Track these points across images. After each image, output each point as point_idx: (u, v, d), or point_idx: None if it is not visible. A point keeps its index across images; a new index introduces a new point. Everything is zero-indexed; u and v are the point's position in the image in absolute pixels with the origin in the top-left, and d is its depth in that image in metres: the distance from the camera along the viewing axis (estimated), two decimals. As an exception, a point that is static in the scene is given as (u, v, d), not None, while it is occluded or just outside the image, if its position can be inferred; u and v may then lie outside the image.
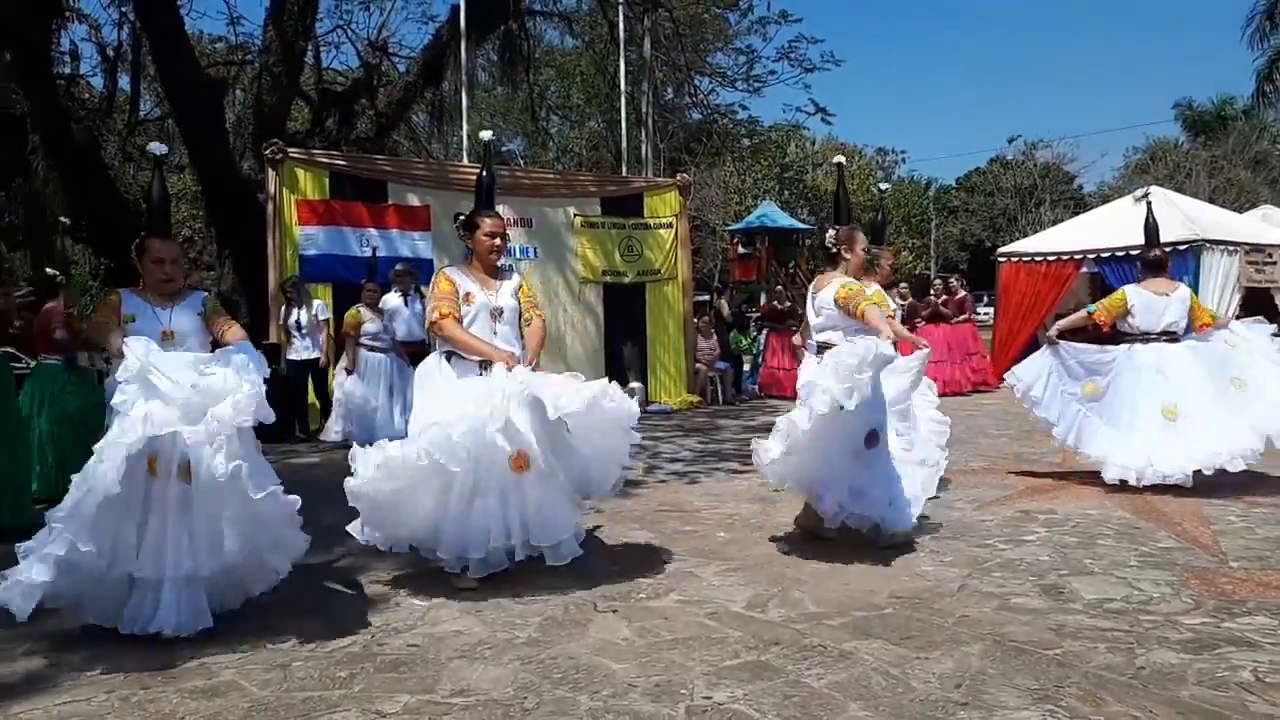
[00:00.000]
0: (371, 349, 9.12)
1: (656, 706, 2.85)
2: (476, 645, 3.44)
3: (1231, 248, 12.74)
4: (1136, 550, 4.62)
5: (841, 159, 5.83)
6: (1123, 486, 5.96)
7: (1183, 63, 74.99)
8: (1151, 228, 6.61)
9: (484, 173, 4.65)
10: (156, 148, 4.32)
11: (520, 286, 4.48)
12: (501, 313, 4.32)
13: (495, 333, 4.28)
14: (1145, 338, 6.26)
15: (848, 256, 4.95)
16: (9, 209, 15.12)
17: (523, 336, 4.43)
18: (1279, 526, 5.07)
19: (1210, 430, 5.89)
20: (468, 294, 4.29)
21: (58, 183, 13.19)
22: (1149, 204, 6.76)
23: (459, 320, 4.25)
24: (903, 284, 14.40)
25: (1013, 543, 4.83)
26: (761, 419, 11.29)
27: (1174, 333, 6.22)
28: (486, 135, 4.90)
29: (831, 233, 5.05)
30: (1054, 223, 23.46)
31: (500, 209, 11.75)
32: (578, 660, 3.26)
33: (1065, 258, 13.58)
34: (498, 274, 4.43)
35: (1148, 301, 6.26)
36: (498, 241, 4.39)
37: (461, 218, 4.52)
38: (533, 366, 4.26)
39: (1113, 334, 6.58)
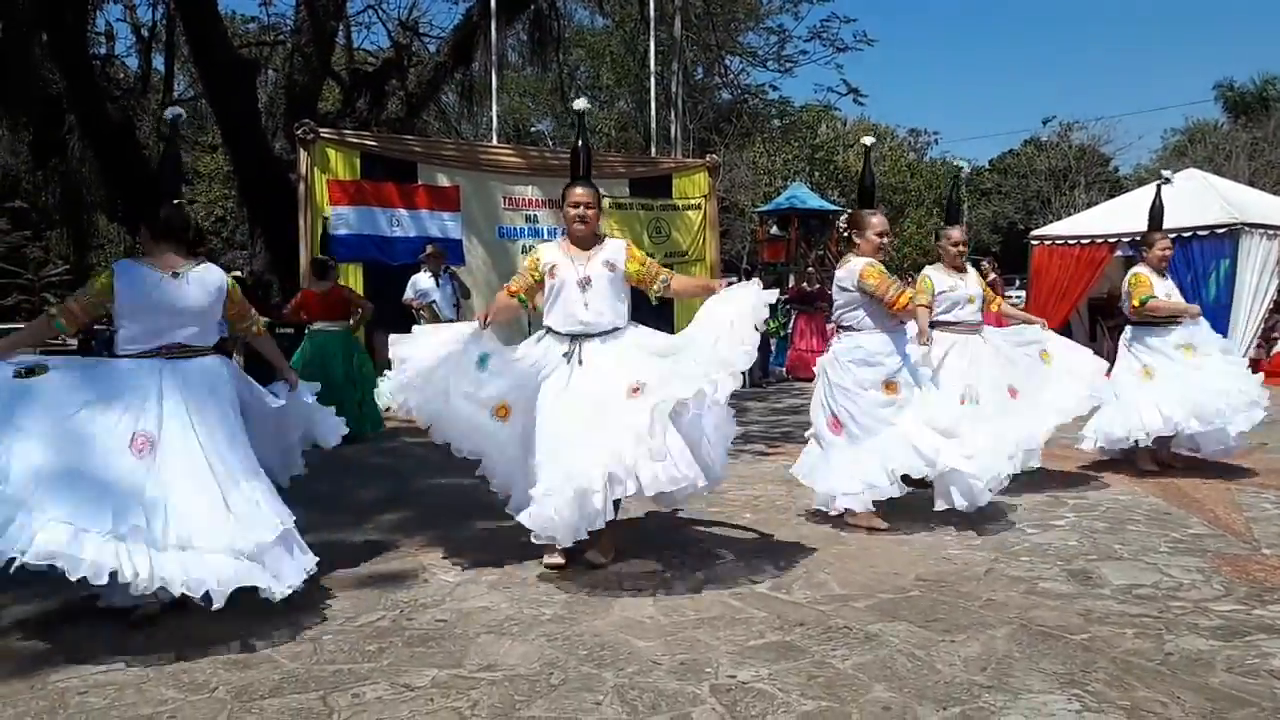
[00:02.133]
0: None
1: (681, 684, 2.87)
2: (503, 621, 3.48)
3: (1271, 231, 12.49)
4: (1167, 536, 4.58)
5: (869, 140, 5.76)
6: (1153, 472, 5.94)
7: (1224, 42, 73.44)
8: (1155, 212, 6.50)
9: (579, 143, 4.64)
10: (172, 112, 4.28)
11: (626, 251, 4.36)
12: (590, 281, 4.24)
13: (585, 304, 4.22)
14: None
15: (858, 240, 4.93)
16: (46, 189, 15.33)
17: (656, 299, 4.51)
18: (1314, 514, 5.00)
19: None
20: (552, 267, 4.29)
21: (93, 163, 13.35)
22: (1158, 189, 6.63)
23: (512, 293, 4.40)
24: (984, 262, 14.00)
25: (1041, 527, 4.80)
26: (788, 401, 11.28)
27: None
28: (581, 104, 4.85)
29: (844, 216, 5.06)
30: (1088, 206, 23.12)
31: (529, 189, 11.88)
32: (603, 638, 3.29)
33: (1099, 241, 13.39)
34: (589, 244, 4.35)
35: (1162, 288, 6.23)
36: (578, 212, 4.31)
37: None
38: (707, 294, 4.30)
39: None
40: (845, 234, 5.00)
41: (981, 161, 41.12)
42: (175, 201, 3.94)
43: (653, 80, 14.77)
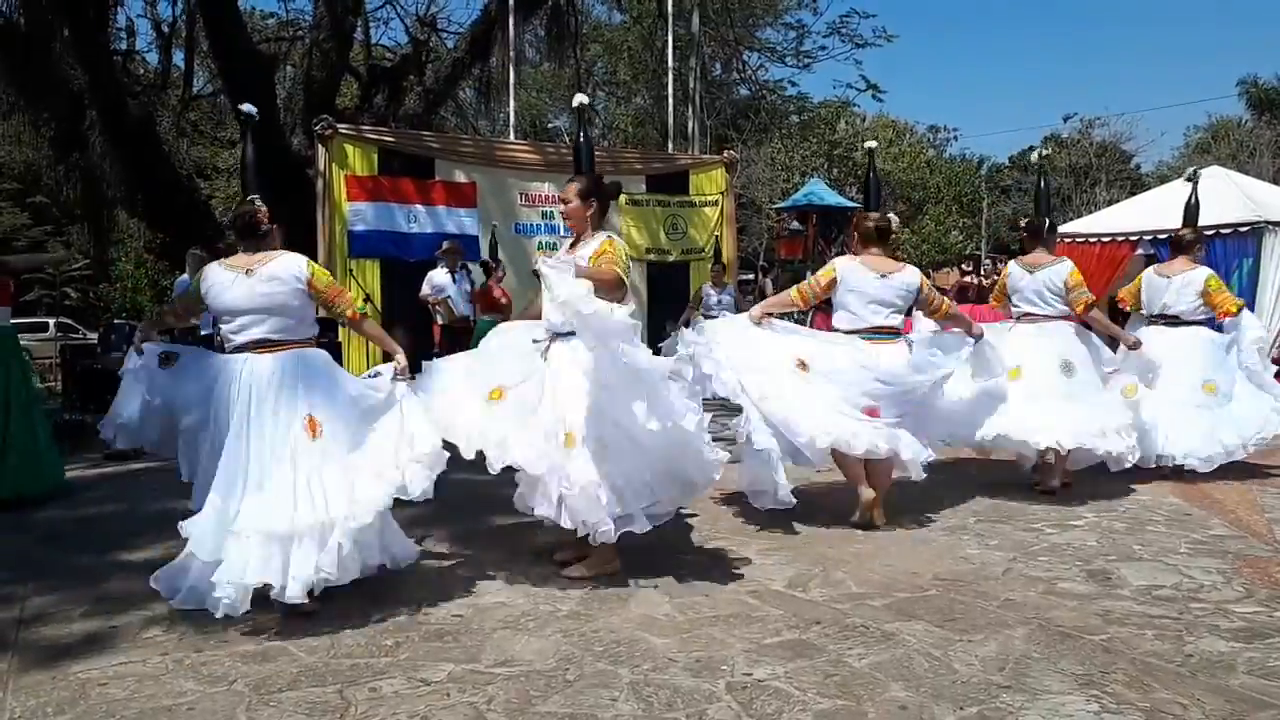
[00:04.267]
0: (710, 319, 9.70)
1: (697, 681, 2.87)
2: (520, 617, 3.48)
3: (1295, 230, 12.37)
4: (1187, 537, 4.54)
5: (873, 144, 5.77)
6: (1174, 474, 5.87)
7: (1248, 37, 72.58)
8: (1191, 208, 6.53)
9: (579, 139, 4.64)
10: (249, 108, 4.24)
11: (600, 248, 4.10)
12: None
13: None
14: (1151, 320, 6.25)
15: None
16: (67, 184, 15.45)
17: None
18: (1337, 516, 4.95)
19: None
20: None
21: (114, 158, 13.44)
22: (1194, 184, 6.62)
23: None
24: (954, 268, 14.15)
25: (1060, 527, 4.77)
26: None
27: (1173, 316, 6.13)
28: (580, 99, 4.80)
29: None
30: (1109, 203, 22.95)
31: (546, 186, 11.87)
32: (619, 634, 3.29)
33: (1120, 239, 13.27)
34: (579, 239, 4.23)
35: (1150, 280, 6.30)
36: (564, 207, 4.23)
37: None
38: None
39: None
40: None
41: (1001, 158, 40.86)
42: (251, 199, 3.92)
43: (670, 76, 14.76)
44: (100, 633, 3.35)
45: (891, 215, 5.10)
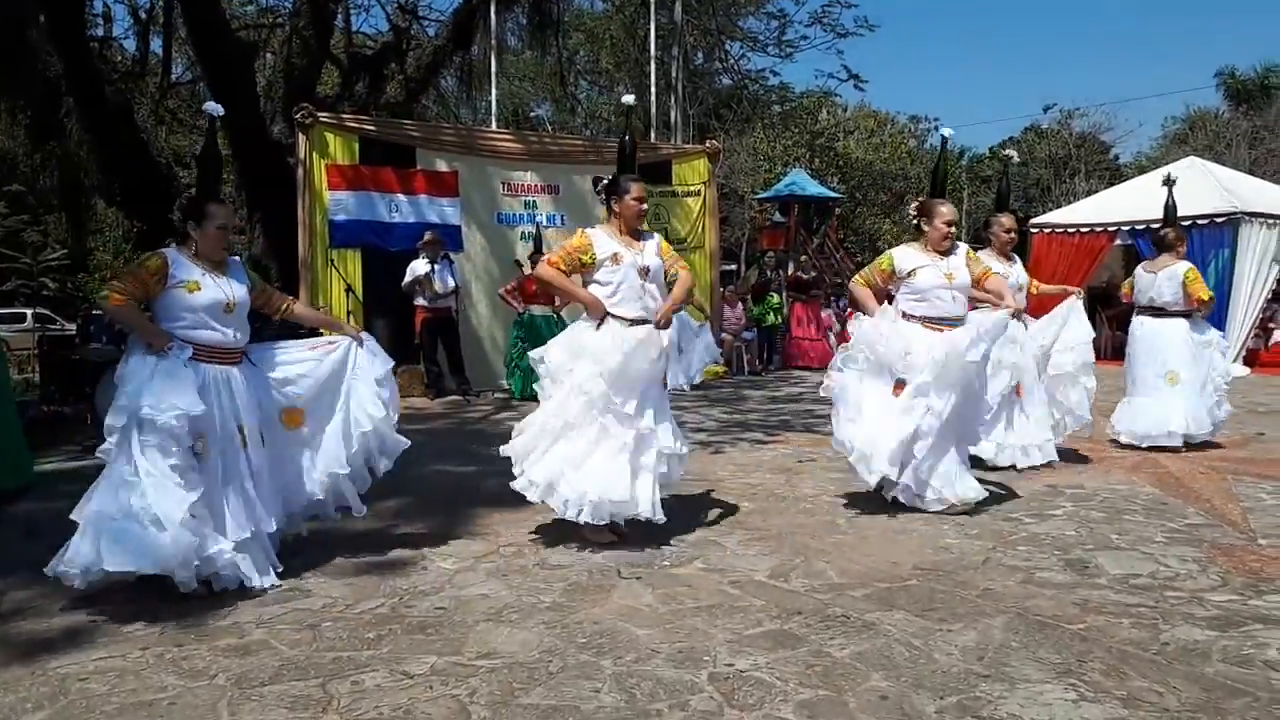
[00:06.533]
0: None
1: (679, 672, 2.89)
2: (502, 609, 3.49)
3: (1271, 220, 12.49)
4: (1164, 526, 4.59)
5: (948, 131, 5.81)
6: (1151, 460, 5.96)
7: (1226, 29, 73.02)
8: (1169, 209, 7.02)
9: (625, 137, 4.85)
10: (213, 108, 4.27)
11: (661, 246, 4.63)
12: (648, 271, 4.45)
13: (644, 290, 4.43)
14: (1140, 311, 6.83)
15: (926, 228, 5.06)
16: (44, 172, 15.27)
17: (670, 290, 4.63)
18: (1311, 504, 5.02)
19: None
20: (615, 254, 4.41)
21: (91, 146, 13.29)
22: (1170, 189, 7.06)
23: (565, 273, 4.43)
24: None
25: (1038, 517, 4.81)
26: (786, 390, 11.30)
27: (1158, 307, 6.66)
28: (629, 99, 5.14)
29: (915, 204, 5.23)
30: (1088, 194, 23.10)
31: (528, 175, 11.88)
32: (601, 625, 3.30)
33: (1099, 230, 13.38)
34: (640, 236, 4.57)
35: (1139, 275, 6.83)
36: (644, 207, 4.56)
37: (604, 182, 4.63)
38: (678, 307, 4.60)
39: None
40: (915, 221, 5.12)
41: (982, 149, 40.99)
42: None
43: (653, 65, 14.73)
44: (80, 627, 3.32)
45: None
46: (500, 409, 9.21)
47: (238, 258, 4.14)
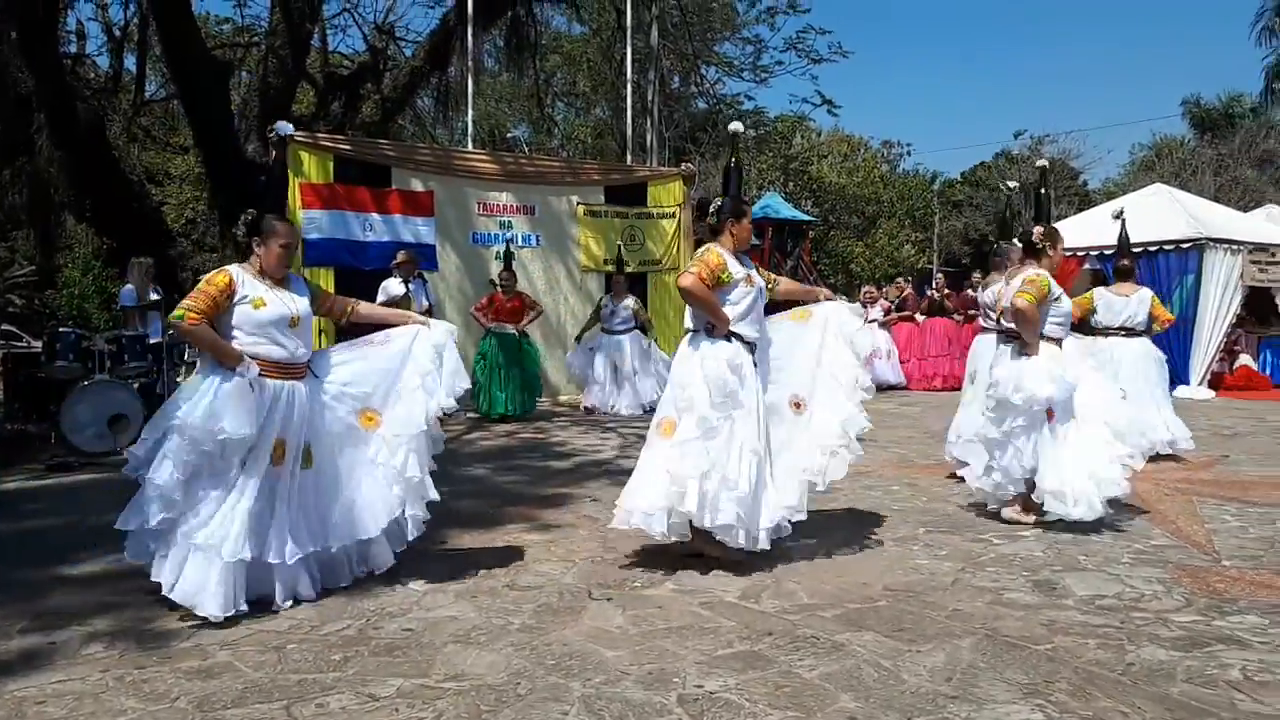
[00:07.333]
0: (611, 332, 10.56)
1: (648, 694, 2.87)
2: (471, 631, 3.46)
3: (1235, 246, 12.71)
4: (1130, 547, 4.63)
5: (1045, 162, 6.31)
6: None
7: (1191, 59, 74.56)
8: (1123, 240, 7.85)
9: (732, 160, 5.03)
10: (284, 127, 4.30)
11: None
12: (762, 293, 4.45)
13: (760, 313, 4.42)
14: (1105, 332, 7.28)
15: (1051, 254, 5.24)
16: (13, 188, 15.11)
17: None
18: (1273, 526, 5.08)
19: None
20: (749, 276, 4.36)
21: (62, 162, 13.18)
22: (1123, 221, 7.85)
23: (708, 284, 4.23)
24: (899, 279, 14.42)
25: (1007, 538, 4.84)
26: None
27: (1132, 328, 7.23)
28: (736, 127, 5.33)
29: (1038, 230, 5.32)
30: (1058, 219, 23.37)
31: (503, 195, 11.87)
32: (571, 647, 3.28)
33: (1067, 254, 13.52)
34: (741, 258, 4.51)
35: (1109, 300, 7.32)
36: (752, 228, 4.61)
37: (717, 202, 4.46)
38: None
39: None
40: (1040, 246, 5.23)
41: (953, 174, 41.45)
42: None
43: (629, 88, 14.82)
44: (38, 649, 3.26)
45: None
46: (472, 429, 9.17)
47: (295, 274, 4.10)
